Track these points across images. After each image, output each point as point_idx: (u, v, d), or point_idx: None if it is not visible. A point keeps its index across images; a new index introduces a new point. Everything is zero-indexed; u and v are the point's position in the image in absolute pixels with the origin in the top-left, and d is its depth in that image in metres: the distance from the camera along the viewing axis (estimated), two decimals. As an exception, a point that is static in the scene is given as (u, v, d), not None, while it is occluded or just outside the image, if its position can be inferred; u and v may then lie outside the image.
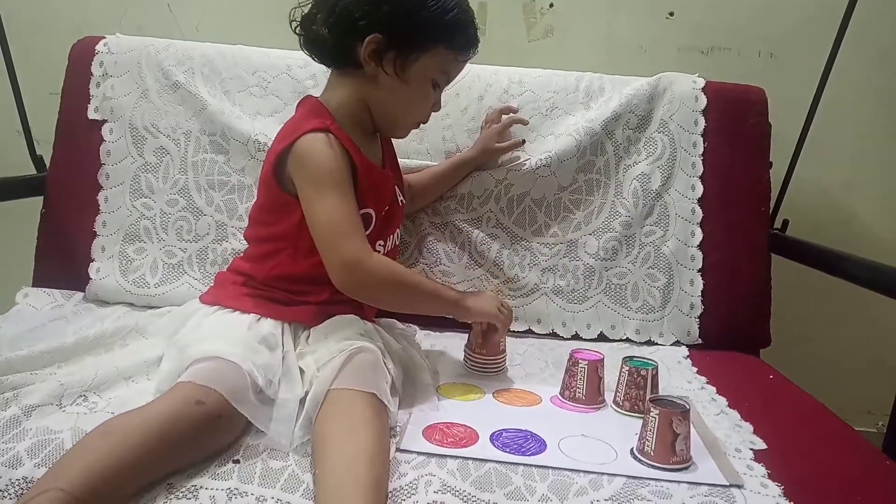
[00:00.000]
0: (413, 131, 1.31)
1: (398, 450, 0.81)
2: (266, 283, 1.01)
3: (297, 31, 1.03)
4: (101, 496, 0.67)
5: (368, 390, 0.83)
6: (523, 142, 1.31)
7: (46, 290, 1.23)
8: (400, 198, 1.14)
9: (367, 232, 1.01)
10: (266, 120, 1.30)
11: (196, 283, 1.24)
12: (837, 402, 1.08)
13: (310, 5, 1.02)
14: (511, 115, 1.31)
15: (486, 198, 1.30)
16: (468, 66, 1.35)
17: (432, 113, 1.10)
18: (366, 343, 0.91)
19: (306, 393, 0.85)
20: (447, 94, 1.33)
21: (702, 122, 1.33)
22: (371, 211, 1.02)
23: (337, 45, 1.00)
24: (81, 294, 1.25)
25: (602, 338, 1.28)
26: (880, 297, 1.11)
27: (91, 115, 1.30)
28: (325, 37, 1.00)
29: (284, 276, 1.01)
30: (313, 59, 1.06)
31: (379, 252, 1.06)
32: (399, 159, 1.21)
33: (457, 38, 1.02)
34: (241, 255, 1.10)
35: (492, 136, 1.29)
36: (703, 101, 1.33)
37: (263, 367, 0.86)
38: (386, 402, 0.84)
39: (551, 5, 1.58)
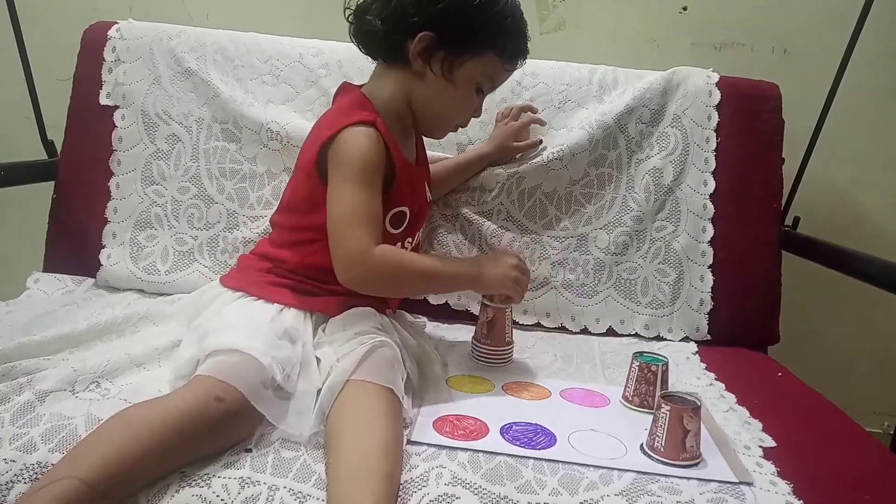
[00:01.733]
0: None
1: (409, 441, 0.82)
2: (295, 271, 1.00)
3: (349, 19, 1.02)
4: (116, 486, 0.68)
5: (386, 384, 0.83)
6: (540, 142, 1.31)
7: (57, 275, 1.24)
8: (429, 195, 1.14)
9: (400, 229, 1.01)
10: (278, 108, 1.30)
11: (206, 272, 1.24)
12: (843, 402, 1.08)
13: None
14: (530, 114, 1.31)
15: (497, 190, 1.29)
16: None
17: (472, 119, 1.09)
18: (385, 338, 0.91)
19: (322, 383, 0.85)
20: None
21: (715, 118, 1.32)
22: (406, 209, 1.02)
23: (387, 38, 0.99)
24: (92, 280, 1.25)
25: (611, 332, 1.29)
26: (890, 296, 1.10)
27: (103, 100, 1.30)
28: (377, 28, 0.99)
29: (319, 265, 0.99)
30: (360, 49, 1.04)
31: (407, 243, 1.06)
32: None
33: (508, 46, 1.01)
34: (269, 240, 1.09)
35: (510, 133, 1.29)
36: (717, 96, 1.33)
37: (283, 361, 0.86)
38: (400, 398, 0.84)
39: (563, -3, 1.57)
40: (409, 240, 1.07)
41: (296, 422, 0.81)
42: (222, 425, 0.76)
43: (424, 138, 1.16)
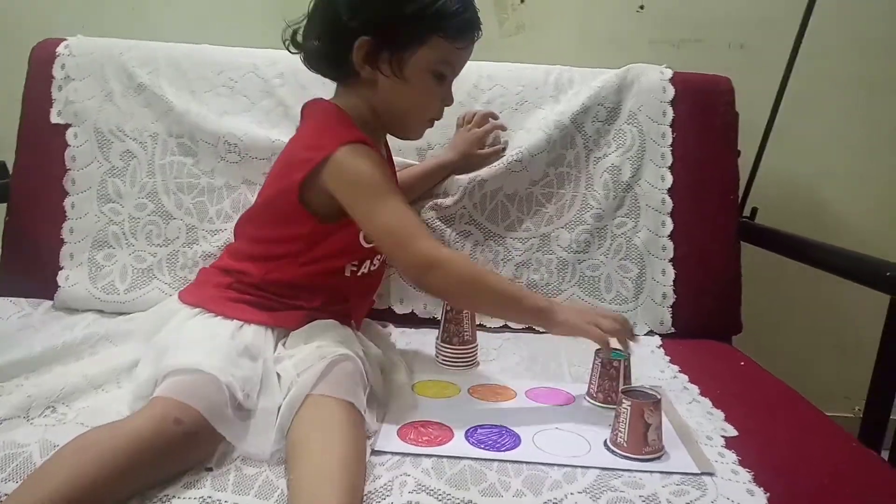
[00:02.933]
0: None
1: (373, 451, 0.81)
2: (258, 286, 0.99)
3: (290, 50, 1.01)
4: None
5: (347, 399, 0.82)
6: (504, 148, 1.31)
7: (12, 299, 1.21)
8: None
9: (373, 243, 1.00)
10: (235, 120, 1.29)
11: (166, 288, 1.22)
12: (813, 388, 1.10)
13: (302, 20, 1.00)
14: (492, 122, 1.31)
15: (459, 195, 1.29)
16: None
17: (445, 108, 1.06)
18: (347, 351, 0.90)
19: (283, 398, 0.84)
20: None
21: (670, 113, 1.34)
22: None
23: (331, 55, 0.98)
24: (49, 302, 1.23)
25: (578, 330, 1.29)
26: (848, 282, 1.13)
27: (54, 118, 1.28)
28: (319, 49, 0.98)
29: (279, 281, 0.99)
30: (320, 74, 1.03)
31: (377, 260, 1.06)
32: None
33: (450, 26, 0.96)
34: (231, 252, 1.07)
35: (474, 141, 1.29)
36: (671, 91, 1.34)
37: (243, 379, 0.85)
38: (362, 412, 0.84)
39: (523, 0, 1.58)
40: (380, 256, 1.06)
41: (257, 441, 0.80)
42: (182, 447, 0.75)
43: (390, 142, 1.16)
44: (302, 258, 0.98)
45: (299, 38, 1.00)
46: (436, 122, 1.07)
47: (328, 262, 0.98)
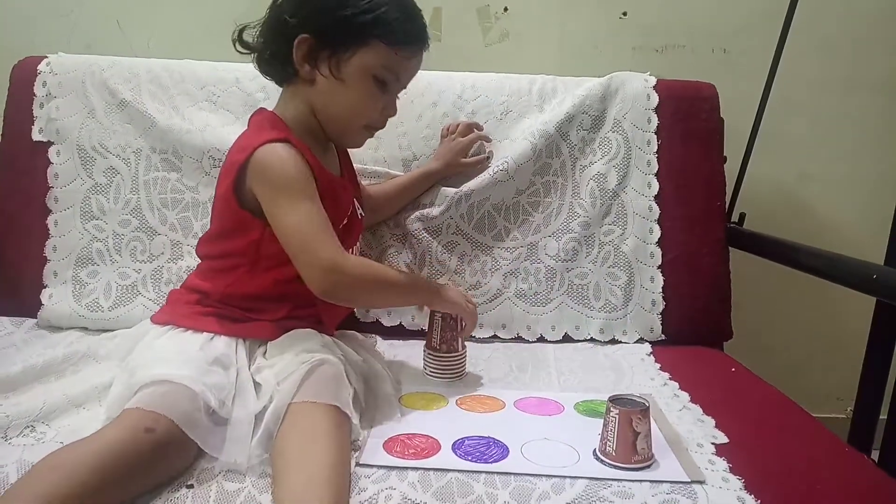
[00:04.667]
0: (369, 140, 1.30)
1: (358, 464, 0.80)
2: (221, 301, 0.99)
3: (237, 49, 1.01)
4: None
5: (330, 402, 0.81)
6: (488, 158, 1.31)
7: (-5, 318, 1.20)
8: (359, 211, 1.12)
9: None
10: (218, 134, 1.28)
11: (150, 304, 1.21)
12: (805, 390, 1.09)
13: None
14: (476, 132, 1.31)
15: (446, 206, 1.29)
16: (420, 73, 1.36)
17: (389, 119, 1.06)
18: (327, 355, 0.89)
19: (264, 408, 0.83)
20: (401, 102, 1.31)
21: (655, 120, 1.34)
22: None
23: (273, 53, 0.99)
24: (33, 321, 1.22)
25: (567, 339, 1.28)
26: (837, 285, 1.12)
27: (36, 136, 1.27)
28: (261, 46, 0.99)
29: (241, 293, 0.99)
30: (267, 77, 1.04)
31: None
32: (355, 165, 1.20)
33: (392, 33, 0.96)
34: (196, 271, 1.07)
35: (458, 150, 1.29)
36: (656, 99, 1.34)
37: (216, 387, 0.84)
38: (349, 413, 0.83)
39: (506, 9, 1.58)
40: (349, 255, 1.05)
41: (233, 450, 0.79)
42: (155, 457, 0.74)
43: (351, 150, 1.16)
44: (258, 267, 0.98)
45: (246, 36, 1.01)
46: (377, 131, 1.07)
47: (286, 268, 0.96)
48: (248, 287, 0.98)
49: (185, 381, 0.81)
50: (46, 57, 1.31)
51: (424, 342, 1.10)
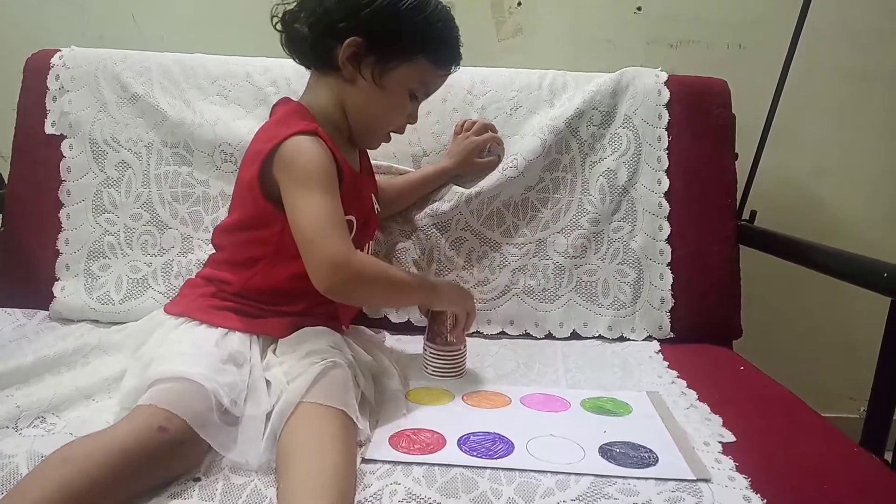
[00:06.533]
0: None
1: (364, 460, 0.80)
2: (240, 294, 0.99)
3: (277, 28, 1.01)
4: None
5: (338, 406, 0.81)
6: (500, 159, 1.31)
7: (8, 309, 1.21)
8: (376, 206, 1.13)
9: None
10: (230, 128, 1.29)
11: (160, 298, 1.22)
12: (817, 390, 1.08)
13: (294, 2, 1.00)
14: (491, 133, 1.31)
15: (455, 202, 1.28)
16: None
17: (408, 125, 1.09)
18: (338, 358, 0.89)
19: (273, 406, 0.84)
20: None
21: (666, 116, 1.33)
22: (353, 218, 1.01)
23: (316, 46, 0.99)
24: (45, 312, 1.22)
25: (575, 336, 1.28)
26: (849, 284, 1.11)
27: (49, 129, 1.28)
28: (306, 36, 0.99)
29: (261, 287, 0.98)
30: (294, 59, 1.04)
31: None
32: (368, 161, 1.21)
33: (439, 51, 1.01)
34: (212, 261, 1.07)
35: (472, 149, 1.29)
36: (667, 94, 1.33)
37: (229, 386, 0.84)
38: (355, 419, 0.83)
39: (519, 3, 1.58)
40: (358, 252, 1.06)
41: (244, 449, 0.79)
42: (167, 456, 0.74)
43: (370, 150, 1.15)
44: (280, 260, 0.97)
45: (297, 25, 1.00)
46: (398, 135, 1.11)
47: None
48: (268, 281, 0.98)
49: (199, 378, 0.81)
50: (59, 50, 1.32)
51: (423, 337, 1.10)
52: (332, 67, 0.98)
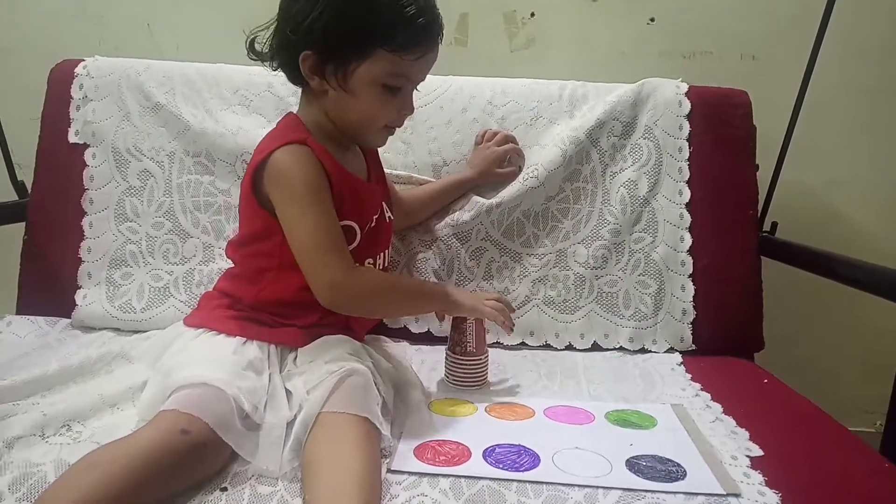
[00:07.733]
0: (399, 145, 1.30)
1: (389, 471, 0.80)
2: (254, 307, 1.00)
3: (250, 56, 1.01)
4: None
5: (360, 414, 0.81)
6: (520, 169, 1.31)
7: (30, 317, 1.22)
8: (387, 214, 1.12)
9: (352, 247, 0.99)
10: (251, 137, 1.28)
11: (182, 306, 1.22)
12: (834, 403, 1.07)
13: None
14: (511, 144, 1.31)
15: (475, 212, 1.28)
16: (450, 78, 1.36)
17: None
18: (356, 364, 0.89)
19: (294, 416, 0.84)
20: (431, 108, 1.33)
21: (686, 127, 1.32)
22: (353, 224, 1.00)
23: (284, 66, 0.99)
24: (67, 321, 1.23)
25: (596, 347, 1.27)
26: (870, 295, 1.10)
27: (72, 138, 1.29)
28: (271, 56, 1.00)
29: (271, 300, 0.99)
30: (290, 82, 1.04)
31: (367, 263, 1.05)
32: (385, 170, 1.20)
33: (397, 38, 0.92)
34: (227, 275, 1.08)
35: (493, 160, 1.29)
36: (687, 105, 1.33)
37: (249, 391, 0.84)
38: (378, 425, 0.83)
39: (532, 14, 1.58)
40: (370, 260, 1.06)
41: (265, 456, 0.79)
42: (191, 459, 0.74)
43: (381, 156, 1.16)
44: (285, 271, 0.97)
45: (257, 46, 1.00)
46: (396, 129, 1.06)
47: None
48: (277, 293, 0.98)
49: (219, 383, 0.82)
50: (83, 60, 1.33)
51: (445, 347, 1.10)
52: (304, 82, 0.98)
